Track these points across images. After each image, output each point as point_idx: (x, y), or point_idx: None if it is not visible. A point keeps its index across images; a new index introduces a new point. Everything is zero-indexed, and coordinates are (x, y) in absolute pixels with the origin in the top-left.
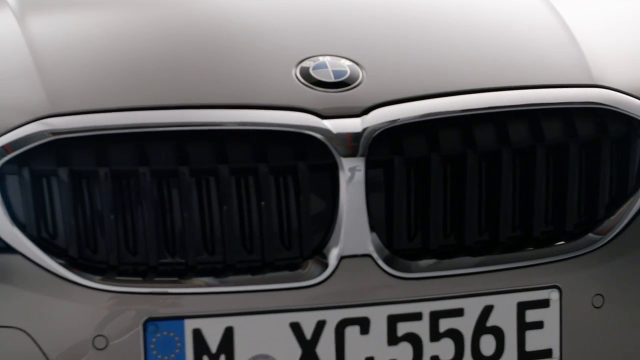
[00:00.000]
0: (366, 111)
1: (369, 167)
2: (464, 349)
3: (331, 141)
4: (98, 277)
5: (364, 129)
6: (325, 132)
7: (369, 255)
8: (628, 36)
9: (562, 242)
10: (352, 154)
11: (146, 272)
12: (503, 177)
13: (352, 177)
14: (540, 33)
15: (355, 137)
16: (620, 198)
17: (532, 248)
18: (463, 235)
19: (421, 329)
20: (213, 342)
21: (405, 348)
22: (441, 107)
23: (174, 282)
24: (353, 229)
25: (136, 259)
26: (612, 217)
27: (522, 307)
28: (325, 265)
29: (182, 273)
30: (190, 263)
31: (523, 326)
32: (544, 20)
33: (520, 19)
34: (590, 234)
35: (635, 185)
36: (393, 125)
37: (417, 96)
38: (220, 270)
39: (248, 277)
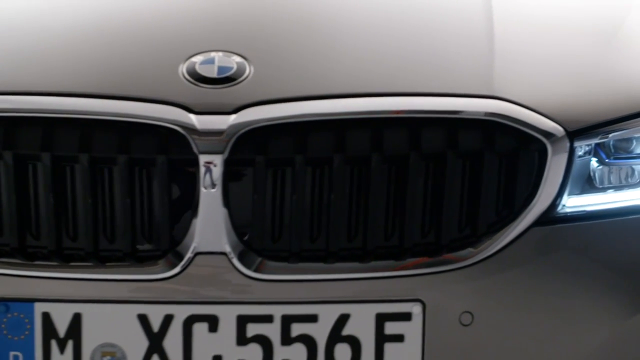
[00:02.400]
0: (239, 109)
1: (233, 164)
2: (317, 356)
3: (194, 137)
4: None
5: (228, 127)
6: (189, 127)
7: (224, 253)
8: (554, 49)
9: (426, 256)
10: (213, 151)
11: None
12: (373, 185)
13: (209, 174)
14: (455, 40)
15: (218, 134)
16: (508, 216)
17: (401, 259)
18: (332, 242)
19: (272, 331)
20: (61, 326)
21: (255, 350)
22: (310, 109)
23: (26, 265)
24: (209, 226)
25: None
26: (495, 235)
27: (382, 318)
28: (179, 260)
29: (47, 257)
30: (50, 248)
31: (382, 338)
32: (468, 27)
33: (443, 24)
34: (461, 251)
35: (524, 204)
36: (257, 125)
37: (291, 97)
38: (82, 257)
39: (97, 265)
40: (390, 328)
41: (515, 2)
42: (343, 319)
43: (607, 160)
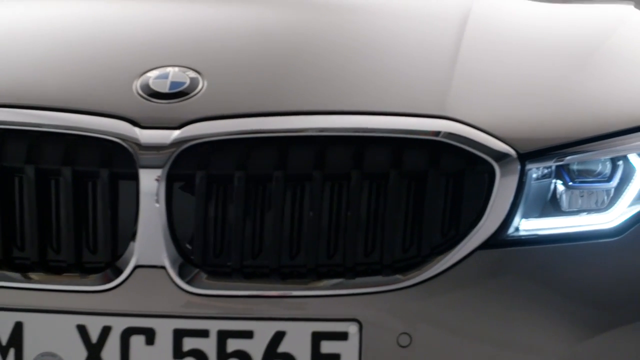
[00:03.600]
0: (185, 124)
1: (178, 179)
2: None
3: (137, 151)
4: None
5: (171, 142)
6: (133, 140)
7: (163, 267)
8: (519, 72)
9: (365, 276)
10: (155, 165)
11: None
12: (314, 203)
13: (149, 188)
14: (417, 61)
15: (160, 148)
16: (453, 238)
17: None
18: (273, 259)
19: (208, 346)
20: (4, 334)
21: None
22: (253, 126)
23: None
24: (149, 240)
25: None
26: (439, 257)
27: (318, 337)
28: (119, 272)
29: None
30: (1, 257)
31: (318, 357)
32: (434, 49)
33: (409, 45)
34: (402, 272)
35: (471, 226)
36: (200, 140)
37: (236, 114)
38: (29, 267)
39: (41, 275)
40: (327, 347)
41: (491, 25)
42: (279, 336)
43: (570, 184)
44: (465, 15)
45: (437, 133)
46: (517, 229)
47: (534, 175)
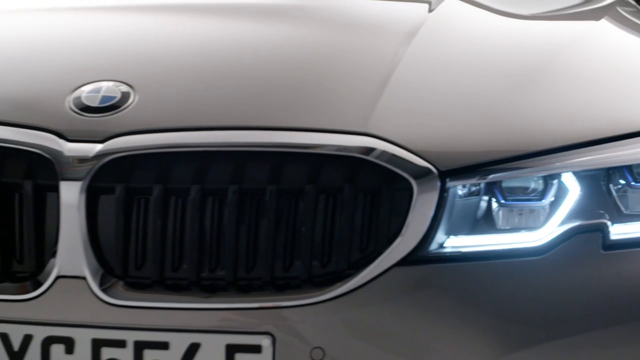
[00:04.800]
0: (110, 138)
1: (101, 192)
2: None
3: (60, 163)
4: None
5: (93, 155)
6: (56, 153)
7: (83, 278)
8: (453, 92)
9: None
10: (76, 177)
11: None
12: (231, 218)
13: (70, 200)
14: (349, 79)
15: (82, 161)
16: (371, 254)
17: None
18: (191, 271)
19: (125, 356)
20: None
21: None
22: (172, 141)
23: None
24: (70, 251)
25: None
26: (356, 272)
27: (232, 349)
28: (42, 282)
29: None
30: None
31: None
32: (368, 67)
33: (343, 63)
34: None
35: (389, 242)
36: (121, 154)
37: (159, 128)
38: None
39: None
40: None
41: (441, 39)
42: (194, 348)
43: (502, 202)
44: (417, 28)
45: (356, 149)
46: (441, 246)
47: (460, 193)
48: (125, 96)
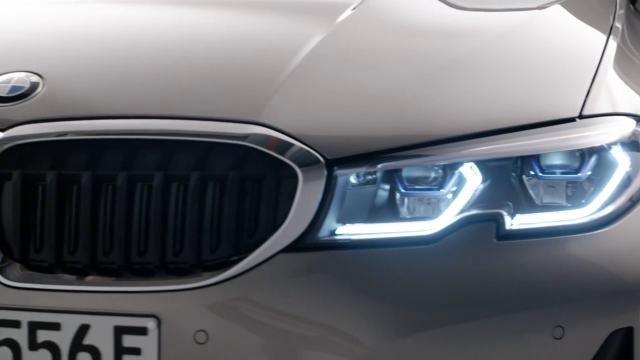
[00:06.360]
0: (13, 126)
1: (4, 178)
2: None
3: None
4: None
5: None
6: None
7: None
8: (353, 83)
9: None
10: None
11: None
12: (119, 204)
13: None
14: (251, 70)
15: None
16: (258, 241)
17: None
18: (83, 255)
19: (20, 336)
20: None
21: (6, 352)
22: (67, 128)
23: None
24: None
25: None
26: (242, 258)
27: (120, 331)
28: None
29: None
30: None
31: (120, 350)
32: (274, 59)
33: (250, 55)
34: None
35: (275, 228)
36: (21, 142)
37: (58, 117)
38: None
39: None
40: (128, 341)
41: (360, 28)
42: (84, 329)
43: (402, 191)
44: (340, 16)
45: (244, 137)
46: (333, 233)
47: (353, 181)
48: (33, 86)
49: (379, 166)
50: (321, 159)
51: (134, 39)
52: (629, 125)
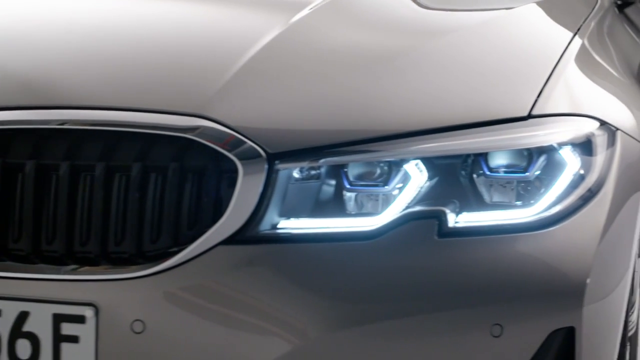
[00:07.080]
0: None
1: None
2: (1, 349)
3: None
4: None
5: None
6: None
7: None
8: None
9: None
10: None
11: None
12: (61, 193)
13: None
14: (202, 61)
15: None
16: (197, 233)
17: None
18: (26, 243)
19: None
20: None
21: None
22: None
23: None
24: None
25: None
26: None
27: (58, 319)
28: None
29: None
30: None
31: (58, 338)
32: (227, 51)
33: (214, 36)
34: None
35: (212, 222)
36: None
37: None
38: None
39: None
40: (67, 329)
41: (313, 29)
42: (23, 316)
43: (347, 187)
44: (302, 11)
45: (185, 130)
46: (274, 227)
47: (296, 176)
48: None
49: (322, 161)
50: (262, 152)
51: (85, 30)
52: (584, 127)
